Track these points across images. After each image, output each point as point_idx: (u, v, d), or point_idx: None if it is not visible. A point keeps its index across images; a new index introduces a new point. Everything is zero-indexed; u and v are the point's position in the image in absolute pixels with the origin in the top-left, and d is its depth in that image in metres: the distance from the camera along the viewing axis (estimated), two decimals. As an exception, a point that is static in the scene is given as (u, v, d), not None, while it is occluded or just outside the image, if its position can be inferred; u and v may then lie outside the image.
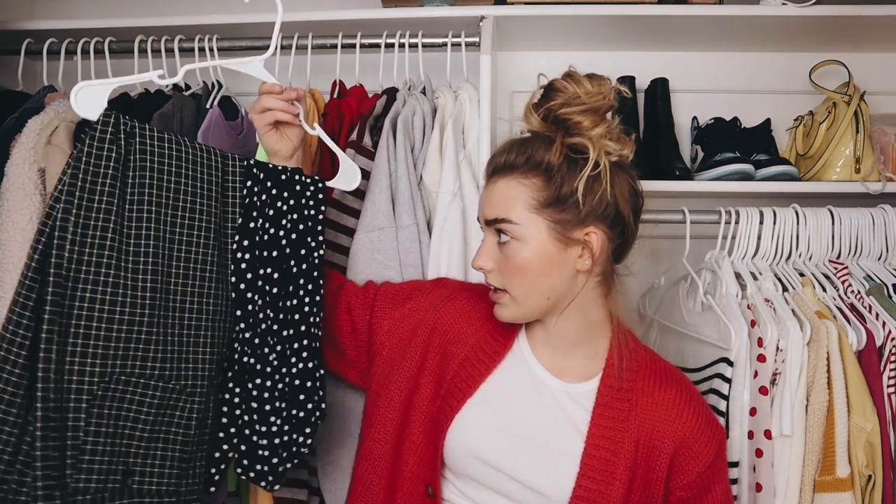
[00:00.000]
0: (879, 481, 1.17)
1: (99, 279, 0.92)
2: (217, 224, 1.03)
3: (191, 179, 1.01)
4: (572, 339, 1.04)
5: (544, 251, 0.97)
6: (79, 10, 1.82)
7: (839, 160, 1.51)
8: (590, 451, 0.98)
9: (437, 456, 1.04)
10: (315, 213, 1.09)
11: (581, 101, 0.97)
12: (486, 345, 1.07)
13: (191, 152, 1.02)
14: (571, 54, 1.74)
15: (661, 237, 1.57)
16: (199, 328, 1.00)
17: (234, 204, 1.05)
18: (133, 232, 0.95)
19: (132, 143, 0.97)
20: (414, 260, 1.23)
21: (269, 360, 1.04)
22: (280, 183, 1.07)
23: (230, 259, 1.04)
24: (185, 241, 0.99)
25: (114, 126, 0.95)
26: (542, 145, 0.98)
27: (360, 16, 1.50)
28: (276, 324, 1.05)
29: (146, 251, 0.96)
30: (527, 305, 1.00)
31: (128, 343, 0.94)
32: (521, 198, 0.97)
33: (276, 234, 1.06)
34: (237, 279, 1.04)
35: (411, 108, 1.30)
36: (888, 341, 1.20)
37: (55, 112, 1.26)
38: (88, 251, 0.92)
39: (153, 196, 0.97)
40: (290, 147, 1.09)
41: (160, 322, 0.96)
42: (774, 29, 1.58)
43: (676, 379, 1.05)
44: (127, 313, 0.94)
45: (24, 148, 1.19)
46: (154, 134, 0.99)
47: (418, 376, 1.07)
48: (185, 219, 1.00)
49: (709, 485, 1.01)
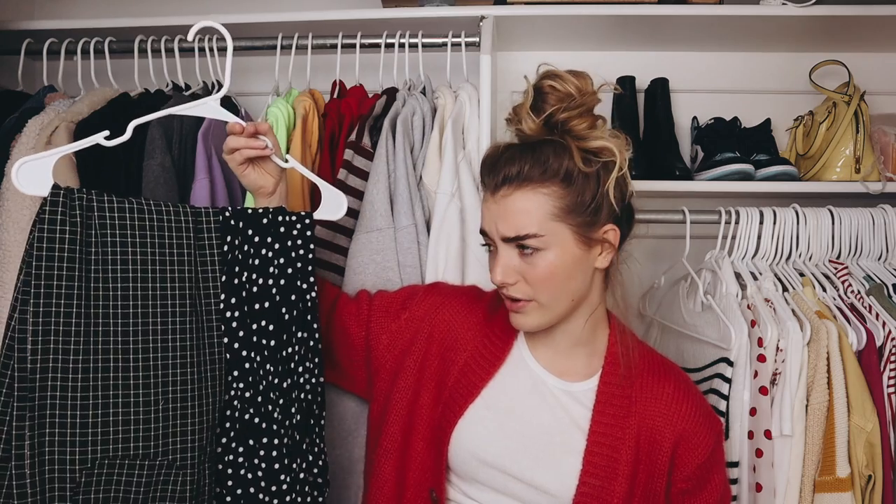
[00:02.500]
0: (879, 481, 1.17)
1: (68, 367, 0.88)
2: (194, 289, 0.97)
3: (157, 247, 0.95)
4: (577, 339, 1.05)
5: (570, 256, 0.96)
6: (79, 10, 1.82)
7: (839, 160, 1.51)
8: (592, 448, 0.99)
9: (440, 461, 1.04)
10: (304, 253, 1.03)
11: (577, 102, 0.96)
12: (485, 349, 1.07)
13: (155, 217, 0.96)
14: (571, 54, 1.74)
15: (661, 237, 1.57)
16: (185, 399, 0.95)
17: (214, 262, 1.00)
18: (101, 311, 0.91)
19: (91, 217, 0.92)
20: (412, 260, 1.22)
21: (274, 416, 1.00)
22: (262, 228, 1.02)
23: (219, 320, 0.99)
24: (158, 314, 0.94)
25: (64, 204, 0.90)
26: (556, 151, 0.95)
27: (360, 16, 1.50)
28: (276, 377, 1.00)
29: (115, 330, 0.91)
30: (554, 310, 0.99)
31: (105, 427, 0.90)
32: (542, 209, 0.94)
33: (265, 283, 1.01)
34: (229, 339, 1.00)
35: (411, 108, 1.30)
36: (888, 341, 1.20)
37: (55, 112, 1.26)
38: (54, 339, 0.88)
39: (118, 272, 0.92)
40: (271, 181, 1.05)
41: (140, 401, 0.92)
42: (774, 29, 1.58)
43: (674, 373, 1.06)
44: (100, 397, 0.90)
45: (24, 148, 1.20)
46: (114, 204, 0.93)
47: (418, 385, 1.07)
48: (157, 290, 0.95)
49: (708, 475, 1.02)
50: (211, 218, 1.00)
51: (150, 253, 0.95)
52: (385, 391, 1.10)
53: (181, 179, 1.24)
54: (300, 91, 1.38)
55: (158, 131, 1.22)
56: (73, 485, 0.88)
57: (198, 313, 0.98)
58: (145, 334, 0.94)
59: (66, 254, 0.89)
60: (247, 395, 1.00)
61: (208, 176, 1.22)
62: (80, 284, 0.90)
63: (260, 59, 1.51)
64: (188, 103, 1.05)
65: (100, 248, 0.92)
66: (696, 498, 1.03)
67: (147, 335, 0.94)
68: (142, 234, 0.95)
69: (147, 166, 1.20)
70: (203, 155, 1.22)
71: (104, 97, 1.33)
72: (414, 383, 1.08)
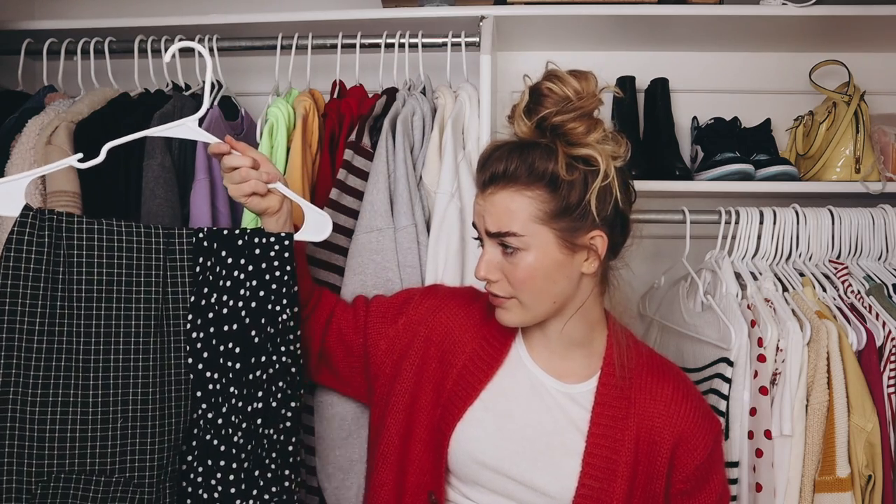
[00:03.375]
0: (879, 481, 1.17)
1: (28, 381, 0.92)
2: (160, 309, 0.99)
3: (125, 268, 0.97)
4: (573, 340, 1.05)
5: (551, 259, 0.96)
6: (79, 10, 1.82)
7: (839, 160, 1.51)
8: (591, 449, 0.99)
9: (440, 464, 1.04)
10: (280, 274, 1.02)
11: (573, 106, 0.95)
12: (483, 352, 1.07)
13: (125, 238, 0.98)
14: (571, 54, 1.74)
15: (661, 237, 1.57)
16: (144, 419, 0.96)
17: (184, 283, 1.01)
18: (64, 329, 0.94)
19: (60, 238, 0.95)
20: (412, 260, 1.22)
21: (234, 440, 1.00)
22: (236, 249, 1.02)
23: (185, 340, 1.00)
24: (122, 333, 0.97)
25: (33, 225, 0.93)
26: (543, 154, 0.95)
27: (360, 16, 1.50)
28: (240, 400, 1.00)
29: (77, 349, 0.94)
30: (534, 310, 1.00)
31: (63, 442, 0.93)
32: (526, 210, 0.95)
33: (235, 305, 1.01)
34: (194, 360, 1.00)
35: (411, 108, 1.30)
36: (888, 341, 1.20)
37: (55, 112, 1.26)
38: (17, 354, 0.92)
39: (83, 291, 0.95)
40: (277, 200, 1.03)
41: (99, 418, 0.94)
42: (774, 29, 1.58)
43: (673, 374, 1.06)
44: (59, 412, 0.93)
45: (24, 148, 1.20)
46: (83, 225, 0.96)
47: (416, 388, 1.07)
48: (121, 310, 0.97)
49: (707, 476, 1.02)
50: (184, 239, 1.01)
51: (116, 273, 0.97)
52: (384, 396, 1.10)
53: (181, 179, 1.24)
54: (300, 91, 1.38)
55: (158, 131, 1.22)
56: (29, 496, 0.91)
57: (163, 333, 0.99)
58: (107, 353, 0.96)
59: (31, 273, 0.93)
60: (209, 416, 1.01)
61: (208, 176, 1.22)
62: (44, 303, 0.94)
63: (260, 59, 1.51)
64: (164, 125, 1.04)
65: (66, 269, 0.95)
66: (694, 499, 1.03)
67: (108, 353, 0.96)
68: (108, 255, 0.97)
69: (147, 166, 1.20)
70: (203, 155, 1.22)
71: (104, 97, 1.33)
72: (412, 386, 1.08)
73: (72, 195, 1.16)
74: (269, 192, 1.02)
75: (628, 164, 1.14)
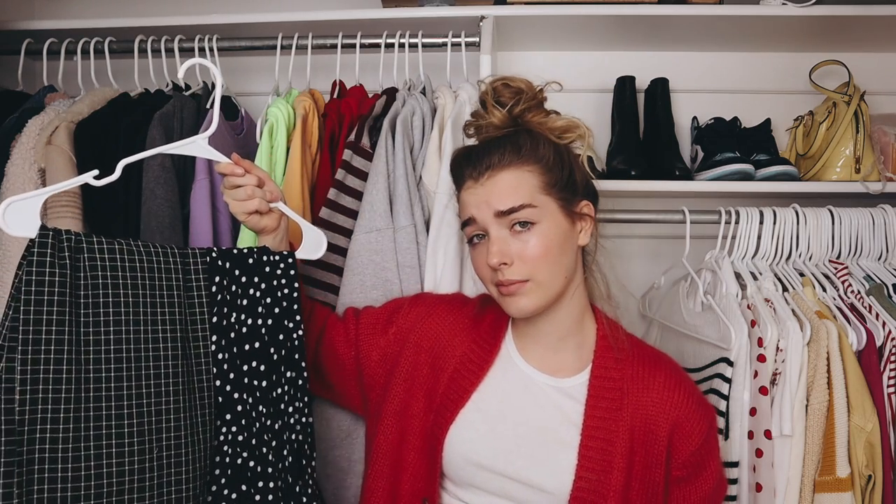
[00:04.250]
0: (879, 481, 1.17)
1: (58, 416, 0.82)
2: (184, 331, 0.94)
3: (149, 289, 0.92)
4: (564, 329, 1.05)
5: (561, 229, 1.00)
6: (79, 10, 1.82)
7: (839, 160, 1.51)
8: (586, 442, 0.99)
9: (433, 469, 1.05)
10: (289, 292, 1.02)
11: (530, 96, 1.03)
12: (473, 354, 1.08)
13: (145, 258, 0.92)
14: (571, 54, 1.74)
15: (661, 237, 1.58)
16: (178, 446, 0.91)
17: (203, 303, 0.97)
18: (91, 357, 0.86)
19: (80, 259, 0.88)
20: (411, 261, 1.22)
21: (268, 459, 0.98)
22: (248, 268, 1.01)
23: (209, 362, 0.96)
24: (151, 358, 0.90)
25: (52, 245, 0.86)
26: (527, 137, 1.02)
27: (360, 16, 1.50)
28: (269, 419, 0.99)
29: (108, 377, 0.87)
30: (551, 288, 1.00)
31: (99, 480, 0.84)
32: (530, 183, 0.99)
33: (255, 323, 1.00)
34: (221, 382, 0.97)
35: (410, 108, 1.30)
36: (888, 341, 1.20)
37: (55, 112, 1.26)
38: (42, 388, 0.82)
39: (110, 315, 0.88)
40: (275, 219, 1.05)
41: (136, 449, 0.87)
42: (774, 29, 1.58)
43: (664, 362, 1.07)
44: (92, 448, 0.84)
45: (24, 148, 1.20)
46: (103, 245, 0.89)
47: (408, 396, 1.08)
48: (149, 332, 0.91)
49: (703, 462, 1.03)
50: (198, 259, 0.98)
51: (140, 295, 0.91)
52: (378, 405, 1.11)
53: (181, 179, 1.24)
54: (300, 91, 1.38)
55: (159, 131, 1.22)
56: None
57: (188, 356, 0.95)
58: (138, 379, 0.89)
59: (55, 297, 0.85)
60: (240, 439, 0.97)
61: (208, 176, 1.22)
62: (70, 329, 0.85)
63: (260, 59, 1.51)
64: (176, 143, 1.04)
65: (90, 291, 0.88)
66: (691, 485, 1.03)
67: (140, 380, 0.89)
68: (132, 276, 0.91)
69: (147, 166, 1.20)
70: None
71: (104, 97, 1.33)
72: (403, 394, 1.08)
73: (72, 195, 1.16)
74: (269, 211, 1.04)
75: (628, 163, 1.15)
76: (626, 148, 1.59)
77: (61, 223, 1.14)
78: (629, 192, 1.52)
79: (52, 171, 1.17)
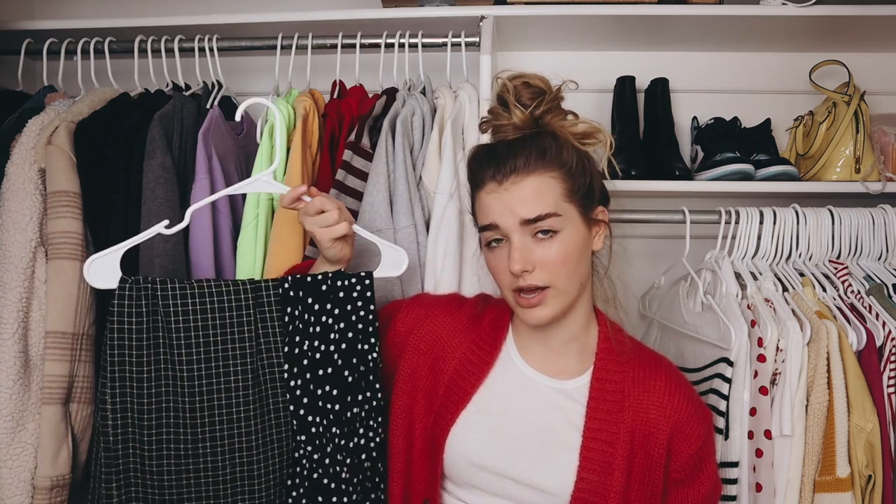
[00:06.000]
0: (879, 481, 1.17)
1: (143, 439, 0.99)
2: (256, 361, 1.03)
3: (219, 327, 1.02)
4: (571, 335, 1.06)
5: (581, 237, 1.01)
6: (79, 10, 1.82)
7: (839, 160, 1.51)
8: (588, 444, 1.00)
9: (434, 471, 1.05)
10: (365, 314, 1.06)
11: (550, 97, 1.02)
12: (473, 356, 1.08)
13: (216, 298, 1.03)
14: (571, 54, 1.74)
15: (661, 237, 1.57)
16: (251, 463, 1.02)
17: (276, 333, 1.05)
18: (170, 391, 1.00)
19: (157, 305, 1.01)
20: (412, 261, 1.22)
21: (341, 476, 1.04)
22: (321, 295, 1.05)
23: (283, 388, 1.04)
24: (223, 390, 1.02)
25: (131, 297, 1.00)
26: (551, 139, 1.00)
27: (360, 16, 1.49)
28: (342, 438, 1.04)
29: (183, 407, 1.00)
30: (569, 295, 1.01)
31: (180, 488, 0.99)
32: (554, 190, 0.98)
33: (327, 349, 1.04)
34: (295, 406, 1.04)
35: (410, 108, 1.30)
36: (888, 341, 1.20)
37: (55, 112, 1.26)
38: (131, 416, 0.99)
39: (182, 355, 1.01)
40: (351, 249, 1.08)
41: (209, 467, 1.01)
42: (774, 29, 1.58)
43: (664, 366, 1.07)
44: (173, 464, 1.00)
45: (24, 148, 1.19)
46: (176, 290, 1.01)
47: (411, 399, 1.08)
48: (220, 367, 1.02)
49: (700, 464, 1.03)
50: (271, 291, 1.05)
51: (211, 334, 1.02)
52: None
53: (181, 179, 1.24)
54: (300, 91, 1.38)
55: (159, 131, 1.22)
56: None
57: (262, 383, 1.04)
58: (210, 409, 1.01)
59: (134, 342, 1.00)
60: (315, 457, 1.04)
61: (209, 176, 1.21)
62: (149, 369, 1.00)
63: (260, 59, 1.51)
64: (242, 182, 1.13)
65: (165, 334, 1.01)
66: (690, 487, 1.03)
67: (213, 410, 1.01)
68: (203, 317, 1.02)
69: (148, 166, 1.20)
70: (203, 155, 1.22)
71: (104, 97, 1.33)
72: (407, 398, 1.08)
73: (72, 195, 1.16)
74: (347, 240, 1.06)
75: (628, 163, 1.15)
76: (626, 148, 1.59)
77: (61, 223, 1.15)
78: (629, 192, 1.52)
79: (52, 171, 1.17)
